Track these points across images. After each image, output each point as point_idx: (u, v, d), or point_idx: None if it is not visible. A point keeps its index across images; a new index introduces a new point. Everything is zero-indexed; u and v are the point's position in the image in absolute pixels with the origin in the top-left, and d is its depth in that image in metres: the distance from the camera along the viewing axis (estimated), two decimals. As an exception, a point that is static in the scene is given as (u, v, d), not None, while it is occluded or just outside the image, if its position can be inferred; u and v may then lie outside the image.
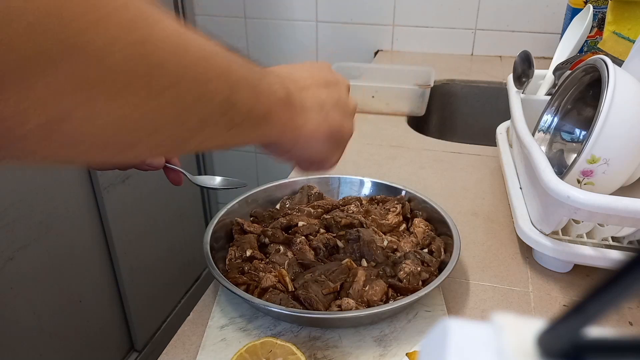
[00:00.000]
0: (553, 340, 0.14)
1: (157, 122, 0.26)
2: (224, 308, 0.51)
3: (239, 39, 1.51)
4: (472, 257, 0.59)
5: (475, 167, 0.80)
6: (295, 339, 0.47)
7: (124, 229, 1.18)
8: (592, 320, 0.13)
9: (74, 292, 1.05)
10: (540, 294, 0.54)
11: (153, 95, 0.24)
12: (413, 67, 1.13)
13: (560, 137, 0.67)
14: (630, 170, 0.53)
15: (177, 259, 1.44)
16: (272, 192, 0.65)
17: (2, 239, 0.87)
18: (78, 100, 0.21)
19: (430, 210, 0.61)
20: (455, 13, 1.32)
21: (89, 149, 0.24)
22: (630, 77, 0.54)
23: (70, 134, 0.22)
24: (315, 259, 0.54)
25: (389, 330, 0.48)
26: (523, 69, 0.75)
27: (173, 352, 0.47)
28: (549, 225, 0.54)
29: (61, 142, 0.22)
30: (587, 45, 1.06)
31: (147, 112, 0.25)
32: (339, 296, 0.49)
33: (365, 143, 0.89)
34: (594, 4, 0.99)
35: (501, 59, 1.32)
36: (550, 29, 1.28)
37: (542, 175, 0.51)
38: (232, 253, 0.55)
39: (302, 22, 1.44)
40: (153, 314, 1.36)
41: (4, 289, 0.88)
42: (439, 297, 0.52)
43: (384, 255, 0.54)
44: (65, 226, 1.01)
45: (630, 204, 0.46)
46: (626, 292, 0.12)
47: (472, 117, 1.20)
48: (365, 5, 1.37)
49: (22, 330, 0.93)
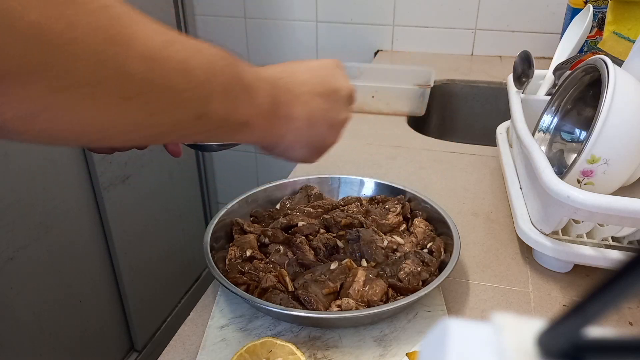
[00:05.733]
0: (553, 340, 0.14)
1: (126, 124, 0.27)
2: (224, 308, 0.51)
3: (239, 39, 1.51)
4: (472, 257, 0.59)
5: (475, 167, 0.80)
6: (295, 339, 0.47)
7: (124, 229, 1.18)
8: (592, 320, 0.13)
9: (74, 292, 1.05)
10: (540, 294, 0.54)
11: (121, 101, 0.26)
12: (413, 67, 1.13)
13: (560, 137, 0.67)
14: (630, 170, 0.53)
15: (177, 259, 1.44)
16: (272, 192, 0.65)
17: (2, 239, 0.87)
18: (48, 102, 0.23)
19: (430, 210, 0.61)
20: (455, 13, 1.32)
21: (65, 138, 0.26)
22: (630, 77, 0.54)
23: (45, 127, 0.24)
24: (315, 259, 0.54)
25: (389, 330, 0.48)
26: (523, 69, 0.75)
27: (173, 352, 0.47)
28: (549, 225, 0.54)
29: (37, 132, 0.24)
30: (587, 45, 1.06)
31: (115, 115, 0.26)
32: (339, 296, 0.49)
33: (365, 143, 0.89)
34: (594, 4, 0.99)
35: (501, 59, 1.32)
36: (550, 29, 1.28)
37: (542, 175, 0.51)
38: (232, 253, 0.55)
39: (302, 22, 1.44)
40: (153, 314, 1.36)
41: (4, 289, 0.88)
42: (439, 297, 0.52)
43: (384, 255, 0.54)
44: (65, 226, 1.01)
45: (630, 204, 0.46)
46: (626, 292, 0.12)
47: (472, 117, 1.20)
48: (365, 5, 1.37)
49: (22, 330, 0.93)
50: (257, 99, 0.36)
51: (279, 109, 0.39)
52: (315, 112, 0.42)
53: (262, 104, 0.37)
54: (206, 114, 0.32)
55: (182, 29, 1.35)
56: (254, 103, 0.36)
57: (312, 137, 0.43)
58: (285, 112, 0.40)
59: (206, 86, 0.31)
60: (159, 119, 0.29)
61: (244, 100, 0.35)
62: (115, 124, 0.27)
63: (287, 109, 0.40)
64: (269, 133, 0.40)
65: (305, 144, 0.43)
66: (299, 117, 0.41)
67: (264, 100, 0.37)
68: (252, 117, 0.36)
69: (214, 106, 0.32)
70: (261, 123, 0.37)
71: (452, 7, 1.32)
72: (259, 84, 0.37)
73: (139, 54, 0.26)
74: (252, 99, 0.36)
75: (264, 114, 0.37)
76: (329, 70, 0.45)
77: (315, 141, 0.44)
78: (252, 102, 0.36)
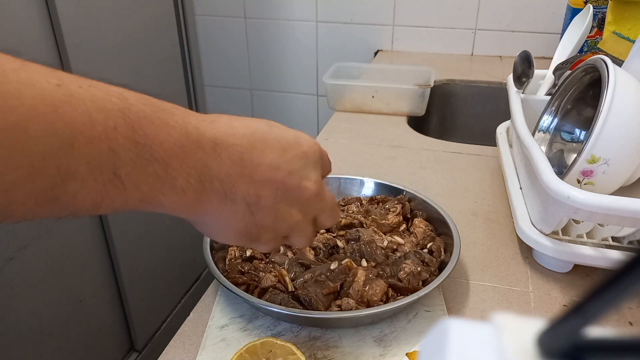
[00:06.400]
0: (553, 340, 0.14)
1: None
2: (224, 308, 0.51)
3: (239, 39, 1.51)
4: (472, 257, 0.59)
5: (475, 167, 0.80)
6: (295, 339, 0.47)
7: (124, 229, 1.18)
8: (592, 320, 0.13)
9: (74, 292, 1.05)
10: (540, 294, 0.54)
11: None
12: (413, 67, 1.13)
13: (560, 137, 0.67)
14: (630, 170, 0.53)
15: (177, 259, 1.44)
16: (272, 192, 0.65)
17: (2, 239, 0.87)
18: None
19: (430, 210, 0.61)
20: (455, 13, 1.32)
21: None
22: (630, 77, 0.54)
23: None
24: (315, 259, 0.54)
25: (389, 330, 0.48)
26: (523, 69, 0.75)
27: (173, 352, 0.47)
28: (549, 225, 0.54)
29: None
30: (587, 45, 1.06)
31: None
32: (339, 296, 0.49)
33: (365, 143, 0.89)
34: (594, 4, 0.99)
35: (501, 59, 1.32)
36: (550, 29, 1.28)
37: (542, 175, 0.51)
38: (232, 253, 0.55)
39: (302, 22, 1.44)
40: (153, 314, 1.36)
41: (4, 289, 0.88)
42: (439, 297, 0.52)
43: (384, 255, 0.54)
44: (66, 226, 1.01)
45: (630, 204, 0.46)
46: (626, 292, 0.12)
47: (472, 117, 1.20)
48: (365, 5, 1.37)
49: (22, 330, 0.93)
50: (173, 175, 0.28)
51: (211, 184, 0.31)
52: (264, 199, 0.33)
53: (178, 181, 0.28)
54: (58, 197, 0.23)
55: (182, 29, 1.35)
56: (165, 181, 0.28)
57: (249, 227, 0.34)
58: (219, 189, 0.31)
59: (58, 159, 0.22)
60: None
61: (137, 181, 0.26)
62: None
63: (225, 186, 0.31)
64: (191, 208, 0.31)
65: (237, 230, 0.34)
66: (240, 200, 0.32)
67: (183, 177, 0.29)
68: (159, 196, 0.28)
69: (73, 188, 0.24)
70: (177, 200, 0.29)
71: (452, 7, 1.32)
72: (185, 149, 0.28)
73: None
74: (162, 176, 0.27)
75: (182, 191, 0.29)
76: (301, 161, 0.35)
77: (251, 231, 0.34)
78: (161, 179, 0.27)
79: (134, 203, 0.27)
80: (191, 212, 0.31)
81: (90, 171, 0.24)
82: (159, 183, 0.28)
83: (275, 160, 0.33)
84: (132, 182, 0.26)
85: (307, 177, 0.35)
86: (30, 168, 0.21)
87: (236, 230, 0.34)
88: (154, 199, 0.28)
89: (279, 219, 0.35)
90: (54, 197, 0.23)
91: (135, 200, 0.27)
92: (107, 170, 0.24)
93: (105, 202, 0.25)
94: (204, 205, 0.31)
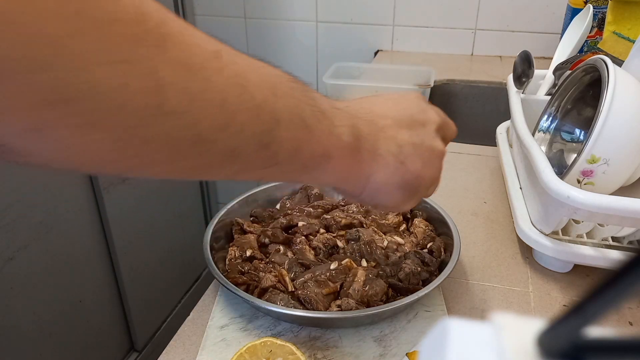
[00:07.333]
0: (553, 340, 0.14)
1: (148, 155, 0.22)
2: (224, 308, 0.51)
3: (239, 39, 1.51)
4: (472, 257, 0.59)
5: (475, 167, 0.80)
6: (295, 339, 0.47)
7: (124, 229, 1.18)
8: (592, 320, 0.13)
9: (74, 293, 1.05)
10: (540, 294, 0.54)
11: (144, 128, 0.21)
12: (413, 67, 1.13)
13: (560, 137, 0.67)
14: (630, 170, 0.53)
15: (177, 259, 1.44)
16: (272, 192, 0.65)
17: (2, 239, 0.87)
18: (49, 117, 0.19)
19: (430, 210, 0.61)
20: (455, 13, 1.32)
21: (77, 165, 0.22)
22: (630, 77, 0.54)
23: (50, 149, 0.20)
24: (315, 259, 0.54)
25: (389, 330, 0.48)
26: (523, 69, 0.75)
27: (173, 352, 0.47)
28: (549, 225, 0.54)
29: (42, 153, 0.21)
30: (587, 45, 1.06)
31: (134, 146, 0.21)
32: (339, 296, 0.49)
33: (365, 143, 0.89)
34: (594, 4, 0.99)
35: (501, 59, 1.32)
36: (550, 29, 1.28)
37: (542, 175, 0.51)
38: (232, 253, 0.55)
39: (302, 22, 1.44)
40: (153, 314, 1.36)
41: (4, 289, 0.88)
42: (439, 297, 0.52)
43: (384, 255, 0.54)
44: (66, 226, 1.01)
45: (630, 204, 0.46)
46: (626, 292, 0.12)
47: (472, 117, 1.20)
48: (365, 5, 1.37)
49: (22, 330, 0.93)
50: (336, 127, 0.30)
51: (362, 141, 0.33)
52: (405, 144, 0.36)
53: (343, 134, 0.31)
54: (271, 142, 0.26)
55: (182, 29, 1.35)
56: (333, 132, 0.30)
57: (405, 176, 0.36)
58: (369, 146, 0.33)
59: (269, 107, 0.26)
60: (207, 147, 0.23)
61: (319, 128, 0.29)
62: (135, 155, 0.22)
63: (372, 141, 0.34)
64: (353, 171, 0.33)
65: (397, 185, 0.36)
66: (386, 153, 0.35)
67: (344, 130, 0.31)
68: (332, 149, 0.30)
69: (281, 133, 0.26)
70: (343, 157, 0.31)
71: (452, 7, 1.32)
72: (336, 111, 0.31)
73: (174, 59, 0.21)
74: (330, 126, 0.30)
75: (346, 146, 0.31)
76: (412, 102, 0.39)
77: (409, 181, 0.36)
78: (331, 131, 0.30)
79: (316, 159, 0.30)
80: (353, 176, 0.34)
81: (290, 119, 0.27)
82: (333, 138, 0.31)
83: (392, 110, 0.37)
84: (316, 133, 0.29)
85: (426, 111, 0.39)
86: (255, 111, 0.25)
87: (396, 186, 0.36)
88: (330, 155, 0.31)
89: (426, 158, 0.37)
90: (268, 143, 0.26)
91: (317, 154, 0.30)
92: (298, 119, 0.28)
93: (298, 153, 0.28)
94: (362, 166, 0.34)
